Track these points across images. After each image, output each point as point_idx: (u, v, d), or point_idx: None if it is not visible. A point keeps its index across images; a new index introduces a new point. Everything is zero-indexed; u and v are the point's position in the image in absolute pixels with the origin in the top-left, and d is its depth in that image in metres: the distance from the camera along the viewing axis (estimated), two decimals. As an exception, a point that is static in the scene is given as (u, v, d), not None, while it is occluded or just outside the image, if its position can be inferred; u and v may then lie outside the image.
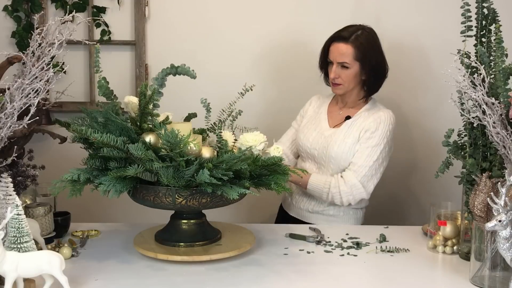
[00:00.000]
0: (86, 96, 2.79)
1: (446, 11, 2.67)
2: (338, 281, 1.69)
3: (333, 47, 2.22)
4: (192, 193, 1.71)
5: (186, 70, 1.84)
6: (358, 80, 2.25)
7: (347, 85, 2.24)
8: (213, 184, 1.65)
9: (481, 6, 1.77)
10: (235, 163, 1.67)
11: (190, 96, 2.77)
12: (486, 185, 1.66)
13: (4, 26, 2.72)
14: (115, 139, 1.67)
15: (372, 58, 2.22)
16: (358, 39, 2.20)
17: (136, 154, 1.64)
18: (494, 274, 1.63)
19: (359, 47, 2.19)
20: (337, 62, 2.20)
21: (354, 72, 2.21)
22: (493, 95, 1.64)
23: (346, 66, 2.20)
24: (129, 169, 1.65)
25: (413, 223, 2.22)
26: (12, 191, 1.62)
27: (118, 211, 2.77)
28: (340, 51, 2.20)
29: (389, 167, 2.74)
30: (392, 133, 2.25)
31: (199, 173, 1.64)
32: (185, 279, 1.68)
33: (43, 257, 1.46)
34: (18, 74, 1.62)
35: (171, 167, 1.67)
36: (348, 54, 2.19)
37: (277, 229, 2.12)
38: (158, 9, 2.76)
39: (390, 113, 2.26)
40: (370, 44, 2.22)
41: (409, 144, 2.81)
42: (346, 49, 2.19)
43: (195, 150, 1.71)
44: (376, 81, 2.27)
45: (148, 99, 1.79)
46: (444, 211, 1.96)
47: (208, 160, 1.69)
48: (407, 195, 2.87)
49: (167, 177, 1.66)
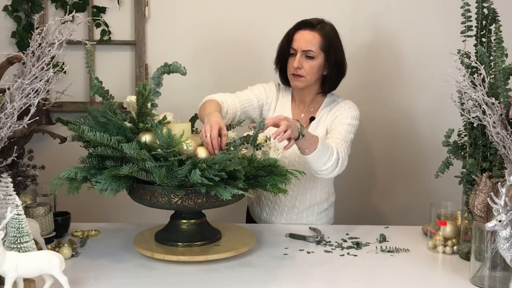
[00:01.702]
0: (86, 96, 2.79)
1: (446, 11, 2.67)
2: (338, 281, 1.69)
3: (298, 35, 2.11)
4: (188, 193, 1.71)
5: (177, 67, 1.83)
6: (319, 75, 2.15)
7: (309, 78, 2.12)
8: (206, 185, 1.65)
9: (481, 6, 1.77)
10: (229, 164, 1.67)
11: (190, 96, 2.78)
12: (486, 185, 1.66)
13: (4, 26, 2.72)
14: (108, 138, 1.67)
15: (337, 51, 2.13)
16: (324, 28, 2.12)
17: (129, 153, 1.64)
18: (494, 274, 1.63)
19: (326, 36, 2.10)
20: (302, 51, 2.09)
21: (318, 64, 2.10)
22: (493, 95, 1.64)
23: (310, 56, 2.09)
24: (123, 168, 1.65)
25: (413, 223, 2.22)
26: (12, 191, 1.62)
27: (118, 211, 2.77)
28: (307, 38, 2.09)
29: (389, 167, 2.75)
30: (359, 118, 2.15)
31: (191, 173, 1.64)
32: (183, 279, 1.68)
33: (43, 257, 1.46)
34: (18, 74, 1.62)
35: (164, 167, 1.67)
36: (315, 42, 2.09)
37: (278, 229, 2.12)
38: (158, 9, 2.76)
39: (350, 101, 2.19)
40: (336, 36, 2.14)
41: (409, 144, 2.81)
42: (313, 36, 2.09)
43: (190, 150, 1.71)
44: (337, 78, 2.17)
45: (144, 99, 1.79)
46: (444, 211, 1.96)
47: (202, 161, 1.69)
48: (407, 195, 2.87)
49: (160, 176, 1.67)
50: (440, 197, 2.43)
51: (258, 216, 2.32)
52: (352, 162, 2.13)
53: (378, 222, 2.23)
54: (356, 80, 2.65)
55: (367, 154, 2.83)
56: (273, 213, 2.27)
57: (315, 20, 2.14)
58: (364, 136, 2.79)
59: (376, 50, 2.52)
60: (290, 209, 2.24)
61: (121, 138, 1.71)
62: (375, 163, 2.86)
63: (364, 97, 2.65)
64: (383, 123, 2.79)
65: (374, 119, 2.77)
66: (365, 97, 2.69)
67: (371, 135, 2.81)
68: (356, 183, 2.82)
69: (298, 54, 2.10)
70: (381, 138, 2.81)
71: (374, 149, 2.85)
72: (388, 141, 2.82)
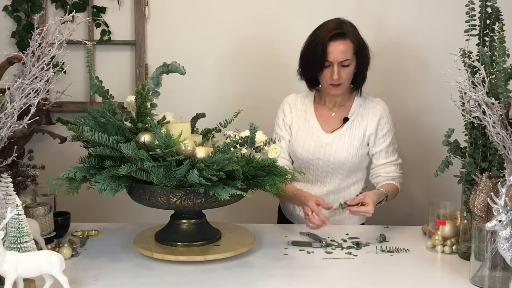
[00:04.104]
0: (86, 96, 2.79)
1: (447, 10, 2.68)
2: (338, 281, 1.69)
3: (332, 47, 2.06)
4: (186, 193, 1.71)
5: (176, 67, 1.83)
6: (352, 76, 2.16)
7: (347, 84, 2.14)
8: (204, 185, 1.65)
9: (484, 5, 1.76)
10: (227, 164, 1.67)
11: (190, 96, 2.78)
12: (486, 185, 1.66)
13: (4, 26, 2.72)
14: (107, 138, 1.67)
15: (363, 48, 2.13)
16: (350, 30, 2.09)
17: (127, 153, 1.64)
18: (494, 274, 1.63)
19: (355, 40, 2.09)
20: (339, 62, 2.07)
21: (352, 68, 2.12)
22: (493, 95, 1.64)
23: (346, 65, 2.09)
24: (122, 168, 1.65)
25: (413, 223, 2.22)
26: (12, 191, 1.62)
27: (118, 211, 2.77)
28: (342, 49, 2.06)
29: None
30: (392, 118, 2.24)
31: (189, 173, 1.64)
32: (183, 279, 1.68)
33: (43, 257, 1.46)
34: (18, 74, 1.62)
35: (162, 167, 1.67)
36: (349, 51, 2.08)
37: (278, 229, 2.12)
38: (158, 9, 2.76)
39: (382, 103, 2.22)
40: (358, 34, 2.13)
41: (409, 144, 2.81)
42: (346, 46, 2.07)
43: (188, 150, 1.70)
44: (364, 70, 2.17)
45: (143, 99, 1.79)
46: (443, 211, 1.96)
47: (200, 160, 1.69)
48: (407, 195, 2.86)
49: (158, 176, 1.67)
50: (439, 196, 2.43)
51: (291, 213, 2.33)
52: (352, 162, 2.13)
53: (378, 222, 2.23)
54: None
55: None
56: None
57: (340, 25, 2.10)
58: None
59: (376, 50, 2.50)
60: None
61: (120, 138, 1.71)
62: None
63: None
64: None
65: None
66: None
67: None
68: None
69: (335, 65, 2.08)
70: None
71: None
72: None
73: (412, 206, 2.84)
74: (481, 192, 1.66)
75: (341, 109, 2.23)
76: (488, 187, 1.66)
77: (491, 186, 1.65)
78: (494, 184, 1.65)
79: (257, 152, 1.85)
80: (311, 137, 2.21)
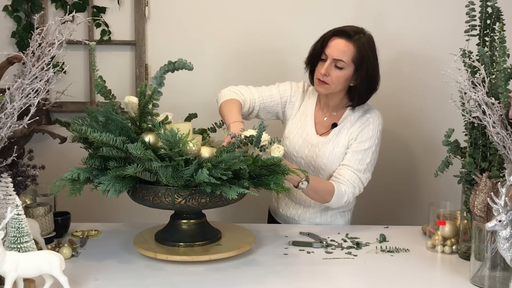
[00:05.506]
0: (86, 96, 2.79)
1: (447, 11, 2.68)
2: (338, 281, 1.69)
3: (333, 42, 2.05)
4: (192, 193, 1.71)
5: (183, 64, 1.82)
6: (345, 85, 2.11)
7: (334, 87, 2.09)
8: (212, 184, 1.65)
9: (485, 5, 1.76)
10: (234, 163, 1.67)
11: (190, 96, 2.78)
12: (486, 185, 1.66)
13: (4, 26, 2.72)
14: (114, 138, 1.67)
15: (369, 66, 2.08)
16: (361, 39, 2.06)
17: (135, 154, 1.64)
18: (494, 274, 1.63)
19: (360, 49, 2.05)
20: (333, 59, 2.04)
21: (346, 75, 2.07)
22: (494, 95, 1.64)
23: (340, 67, 2.05)
24: (128, 168, 1.65)
25: (413, 223, 2.22)
26: (12, 191, 1.62)
27: (118, 211, 2.77)
28: (340, 48, 2.04)
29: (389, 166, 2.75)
30: (381, 132, 2.17)
31: (198, 173, 1.64)
32: (185, 279, 1.68)
33: (43, 257, 1.46)
34: (18, 74, 1.62)
35: (170, 167, 1.67)
36: (348, 54, 2.04)
37: (278, 229, 2.13)
38: (158, 9, 2.76)
39: (377, 113, 2.17)
40: (371, 50, 2.09)
41: (409, 144, 2.81)
42: (347, 47, 2.04)
43: (194, 150, 1.71)
44: (367, 92, 2.12)
45: (147, 99, 1.79)
46: (443, 211, 1.96)
47: (207, 160, 1.69)
48: (406, 195, 2.87)
49: (166, 176, 1.67)
50: (439, 196, 2.43)
51: (274, 211, 2.34)
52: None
53: (378, 222, 2.23)
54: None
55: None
56: (288, 207, 2.27)
57: (354, 30, 2.08)
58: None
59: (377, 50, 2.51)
60: (305, 208, 2.23)
61: (125, 139, 1.71)
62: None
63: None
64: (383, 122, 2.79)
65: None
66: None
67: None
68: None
69: (328, 61, 2.06)
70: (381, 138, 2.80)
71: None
72: (388, 140, 2.81)
73: (412, 206, 2.85)
74: (481, 192, 1.66)
75: (333, 115, 2.21)
76: (488, 187, 1.66)
77: (491, 186, 1.65)
78: (494, 184, 1.65)
79: (262, 151, 1.85)
80: (301, 134, 2.20)
